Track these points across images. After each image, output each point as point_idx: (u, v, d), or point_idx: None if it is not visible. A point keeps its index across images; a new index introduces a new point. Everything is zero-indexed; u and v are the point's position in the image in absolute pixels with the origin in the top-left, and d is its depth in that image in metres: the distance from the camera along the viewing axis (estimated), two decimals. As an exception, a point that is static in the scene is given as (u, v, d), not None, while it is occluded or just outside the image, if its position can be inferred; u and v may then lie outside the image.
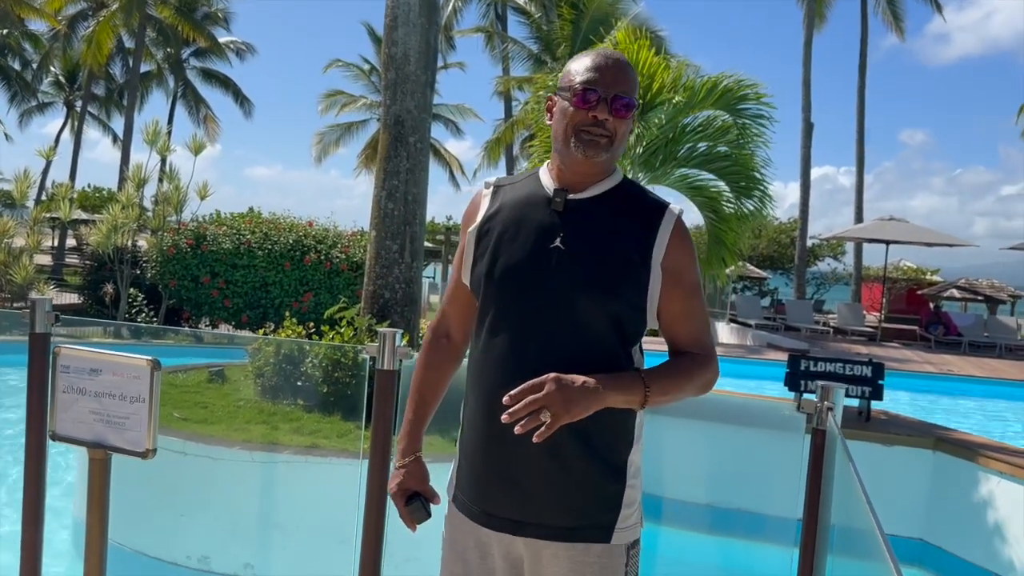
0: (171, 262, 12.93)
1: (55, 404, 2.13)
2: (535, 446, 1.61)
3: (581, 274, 1.66)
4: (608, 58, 1.72)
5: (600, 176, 1.74)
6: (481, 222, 1.80)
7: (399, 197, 6.78)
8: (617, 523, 1.70)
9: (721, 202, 7.08)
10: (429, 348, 1.96)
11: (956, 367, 14.80)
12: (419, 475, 1.88)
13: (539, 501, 1.68)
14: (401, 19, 6.87)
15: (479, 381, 1.75)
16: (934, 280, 28.57)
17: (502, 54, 22.59)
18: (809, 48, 24.51)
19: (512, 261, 1.71)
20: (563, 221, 1.70)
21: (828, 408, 2.05)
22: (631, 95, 1.69)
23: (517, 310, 1.70)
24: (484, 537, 1.77)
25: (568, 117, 1.69)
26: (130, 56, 28.80)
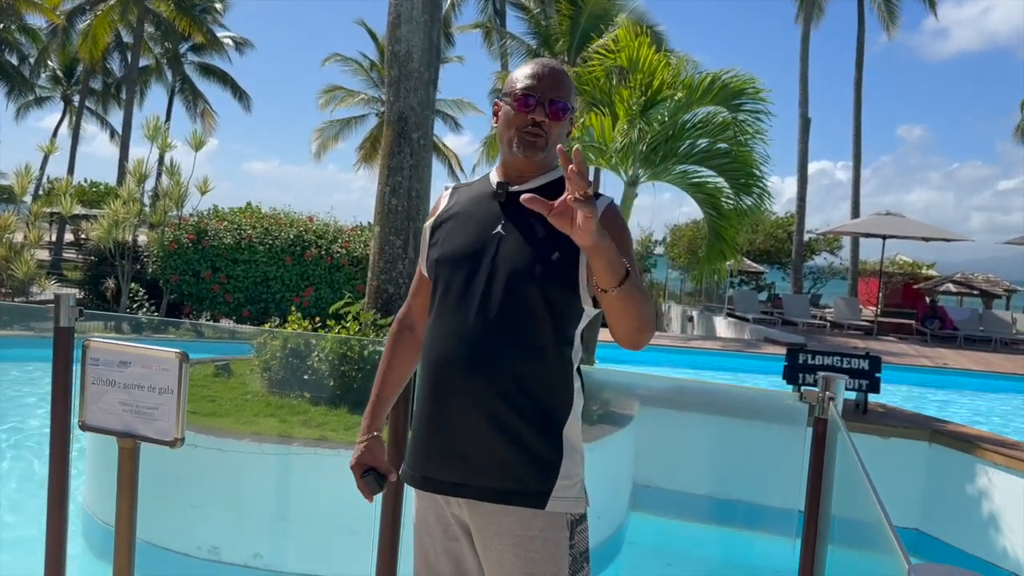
0: (172, 257, 12.99)
1: (85, 395, 2.20)
2: (476, 414, 1.80)
3: (518, 256, 1.83)
4: (545, 67, 1.92)
5: (540, 171, 1.93)
6: (437, 217, 2.02)
7: (403, 193, 6.85)
8: (553, 492, 1.80)
9: (720, 198, 7.16)
10: (394, 338, 2.15)
11: (952, 361, 14.92)
12: (376, 451, 2.05)
13: (477, 465, 1.81)
14: (404, 16, 6.93)
15: (426, 354, 1.92)
16: (930, 275, 28.69)
17: (501, 49, 22.62)
18: (806, 43, 24.58)
19: (459, 246, 1.91)
20: (505, 211, 1.90)
21: (830, 398, 2.13)
22: (566, 100, 1.89)
23: (463, 289, 1.86)
24: (440, 509, 1.92)
25: (510, 120, 1.89)
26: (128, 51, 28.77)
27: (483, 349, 1.81)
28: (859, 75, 26.36)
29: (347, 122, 28.85)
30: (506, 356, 1.80)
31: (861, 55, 26.50)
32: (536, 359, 1.82)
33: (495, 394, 1.80)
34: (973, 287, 23.50)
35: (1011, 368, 14.43)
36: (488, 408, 1.80)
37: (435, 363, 1.87)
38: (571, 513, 1.84)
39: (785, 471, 2.79)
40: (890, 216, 19.89)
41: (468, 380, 1.81)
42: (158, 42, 32.48)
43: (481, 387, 1.80)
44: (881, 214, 20.34)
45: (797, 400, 2.20)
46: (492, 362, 1.80)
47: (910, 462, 6.27)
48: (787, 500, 2.79)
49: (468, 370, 1.81)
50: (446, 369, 1.84)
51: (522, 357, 1.81)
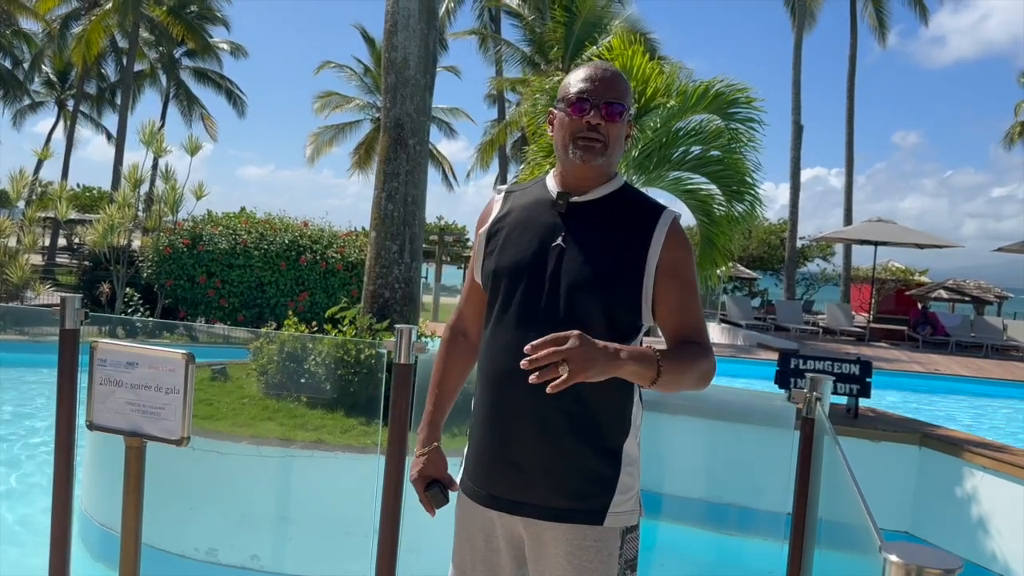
0: (167, 262, 13.01)
1: (92, 395, 2.25)
2: (535, 431, 1.78)
3: (580, 270, 1.78)
4: (599, 69, 1.87)
5: (600, 180, 1.88)
6: (492, 224, 1.95)
7: (399, 199, 6.91)
8: (611, 507, 1.80)
9: (713, 205, 7.24)
10: (447, 345, 2.11)
11: (943, 367, 15.02)
12: (438, 463, 2.01)
13: (537, 483, 1.80)
14: (401, 24, 7.00)
15: (485, 368, 1.89)
16: (922, 281, 28.85)
17: (495, 56, 22.72)
18: (799, 51, 24.75)
19: (518, 257, 1.86)
20: (565, 222, 1.85)
21: (817, 398, 2.19)
22: (622, 101, 1.83)
23: (521, 303, 1.83)
24: (488, 521, 1.90)
25: (566, 126, 1.84)
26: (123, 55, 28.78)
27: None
28: (851, 83, 26.55)
29: (341, 127, 28.90)
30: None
31: (854, 63, 26.68)
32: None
33: (555, 411, 1.77)
34: (965, 293, 23.66)
35: (1002, 374, 14.54)
36: (548, 425, 1.78)
37: (494, 378, 1.85)
38: (625, 525, 1.84)
39: (774, 474, 2.85)
40: (882, 223, 20.02)
41: (528, 396, 1.75)
42: (152, 47, 32.50)
43: (541, 405, 1.76)
44: (873, 221, 20.47)
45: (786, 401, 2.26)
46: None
47: (900, 466, 6.33)
48: (777, 503, 2.85)
49: (529, 387, 1.74)
50: (505, 384, 1.81)
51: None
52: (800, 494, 2.17)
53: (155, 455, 2.46)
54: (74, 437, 2.73)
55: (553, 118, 1.91)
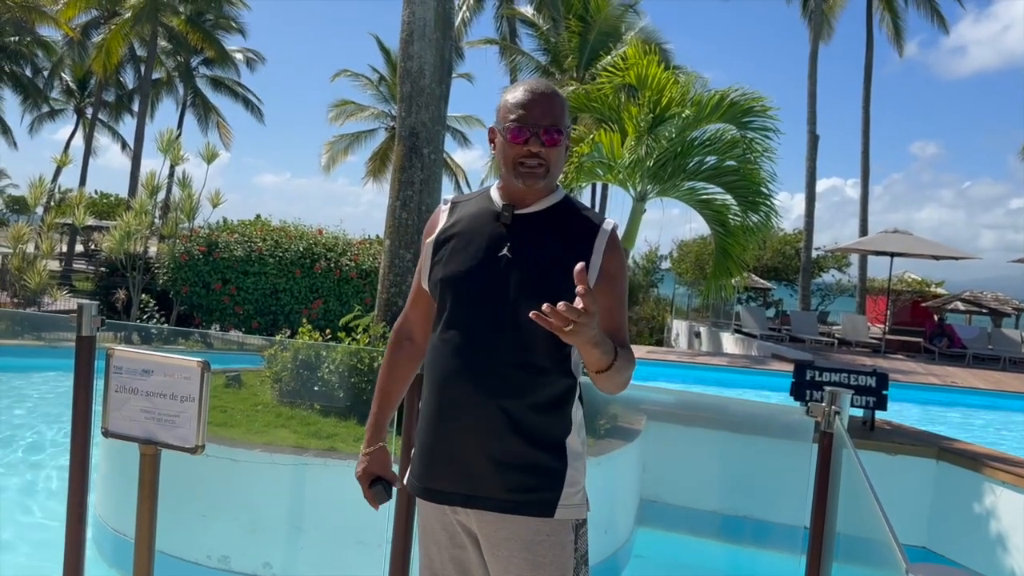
0: (183, 268, 13.08)
1: (108, 402, 2.26)
2: (481, 430, 1.86)
3: (525, 279, 1.87)
4: (535, 92, 1.91)
5: (544, 194, 1.96)
6: (439, 233, 2.03)
7: (413, 207, 6.93)
8: (561, 500, 1.87)
9: (728, 215, 7.21)
10: (392, 349, 2.20)
11: (960, 379, 14.88)
12: (382, 461, 2.12)
13: (486, 477, 1.87)
14: (417, 34, 7.02)
15: (432, 371, 1.96)
16: (939, 292, 28.65)
17: (510, 65, 22.77)
18: (815, 61, 24.66)
19: (466, 267, 1.93)
20: (510, 233, 1.93)
21: (835, 412, 2.17)
22: (559, 124, 1.88)
23: (469, 310, 1.91)
24: (447, 518, 1.97)
25: (506, 151, 1.91)
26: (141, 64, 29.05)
27: (489, 368, 1.86)
28: (867, 93, 26.44)
29: (357, 136, 29.05)
30: (511, 376, 1.86)
31: (869, 73, 26.58)
32: (541, 378, 1.88)
33: (500, 411, 1.85)
34: (982, 305, 23.46)
35: (1020, 387, 14.38)
36: (493, 425, 1.86)
37: (440, 381, 1.92)
38: (575, 518, 1.91)
39: (791, 487, 2.82)
40: (898, 234, 19.90)
41: (474, 398, 1.86)
42: (170, 55, 32.79)
43: (487, 404, 1.86)
44: (889, 232, 20.36)
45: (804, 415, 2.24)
46: (497, 381, 1.86)
47: (917, 480, 6.27)
48: (793, 516, 2.82)
49: (474, 388, 1.87)
50: (452, 387, 1.90)
51: (527, 377, 1.87)
52: (818, 509, 2.15)
53: (169, 462, 2.46)
54: (89, 443, 2.74)
55: (494, 136, 1.97)
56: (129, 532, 4.61)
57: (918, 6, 27.29)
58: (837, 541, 2.13)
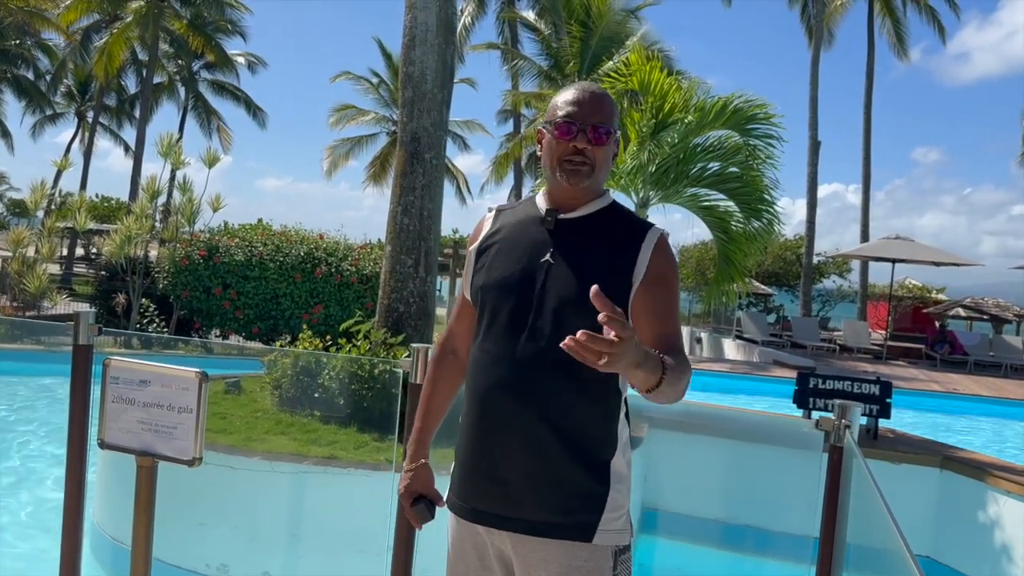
0: (183, 273, 13.05)
1: (104, 414, 2.22)
2: (521, 445, 1.78)
3: (567, 286, 1.79)
4: (586, 91, 1.87)
5: (589, 198, 1.89)
6: (481, 241, 1.98)
7: (414, 212, 6.89)
8: (600, 524, 1.78)
9: (731, 222, 7.18)
10: (436, 363, 2.12)
11: (962, 386, 14.83)
12: (425, 479, 2.01)
13: (523, 498, 1.79)
14: (419, 39, 7.00)
15: (473, 383, 1.89)
16: (939, 299, 28.62)
17: (511, 70, 22.76)
18: (816, 67, 24.65)
19: (507, 273, 1.87)
20: (554, 238, 1.86)
21: (845, 426, 2.13)
22: (608, 124, 1.84)
23: (509, 318, 1.83)
24: (479, 538, 1.89)
25: (553, 149, 1.85)
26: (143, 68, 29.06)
27: (530, 379, 1.78)
28: (869, 99, 26.44)
29: (358, 140, 29.05)
30: (553, 387, 1.77)
31: (871, 80, 26.59)
32: (583, 391, 1.78)
33: (542, 425, 1.77)
34: (983, 312, 23.44)
35: (1021, 394, 14.33)
36: (534, 440, 1.77)
37: (481, 393, 1.85)
38: (616, 544, 1.81)
39: (799, 497, 2.78)
40: (899, 240, 19.87)
41: (515, 411, 1.79)
42: (171, 59, 32.81)
43: (528, 418, 1.78)
44: (891, 238, 20.33)
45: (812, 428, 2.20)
46: (539, 393, 1.77)
47: (921, 489, 6.22)
48: (802, 526, 2.78)
49: (515, 401, 1.79)
50: (492, 399, 1.82)
51: (569, 389, 1.77)
52: (828, 520, 2.12)
53: (167, 469, 2.42)
54: (86, 452, 2.70)
55: (542, 137, 1.92)
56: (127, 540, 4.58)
57: (919, 13, 27.31)
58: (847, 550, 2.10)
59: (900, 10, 27.04)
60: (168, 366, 2.19)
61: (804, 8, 27.28)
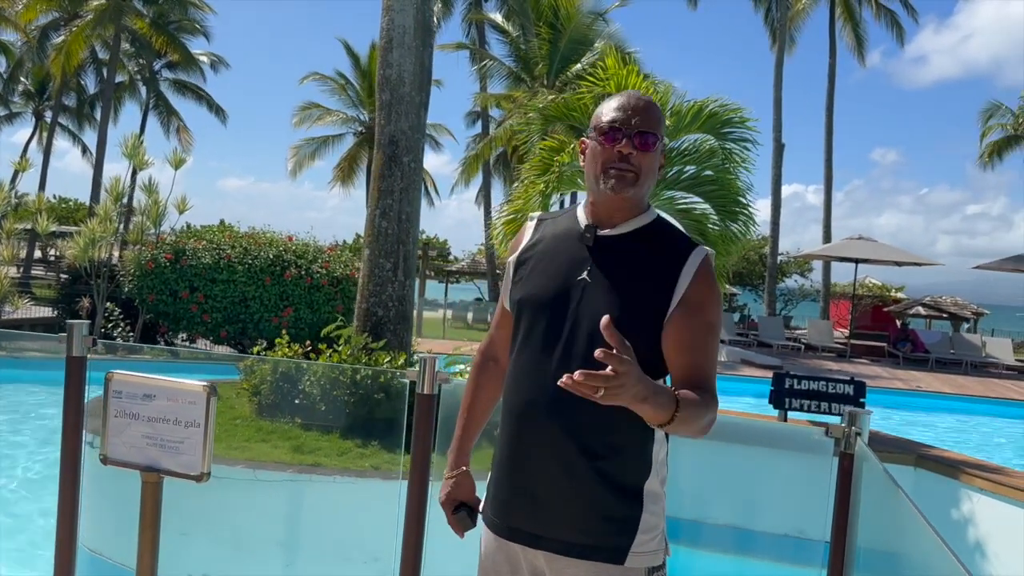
0: (149, 276, 12.82)
1: (107, 429, 2.18)
2: (555, 464, 1.75)
3: (603, 306, 1.72)
4: (632, 97, 1.83)
5: (632, 213, 1.83)
6: (521, 251, 1.94)
7: (393, 216, 6.85)
8: (632, 547, 1.75)
9: (707, 224, 7.24)
10: (478, 369, 2.09)
11: (924, 384, 15.13)
12: (467, 486, 2.00)
13: (556, 518, 1.77)
14: (396, 41, 6.96)
15: (508, 397, 1.87)
16: (899, 297, 29.16)
17: (480, 71, 22.73)
18: (780, 70, 24.98)
19: (543, 289, 1.84)
20: (592, 255, 1.82)
21: (856, 433, 2.16)
22: (655, 131, 1.79)
23: (543, 336, 1.81)
24: (514, 554, 1.86)
25: (597, 156, 1.81)
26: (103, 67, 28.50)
27: (563, 399, 1.67)
28: (831, 101, 26.84)
29: (324, 140, 28.79)
30: (585, 410, 1.66)
31: (832, 82, 26.99)
32: (617, 413, 1.67)
33: (575, 446, 1.74)
34: (942, 310, 23.92)
35: (983, 391, 14.66)
36: (567, 460, 1.75)
37: (516, 408, 1.83)
38: (650, 565, 1.79)
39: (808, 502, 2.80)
40: (862, 240, 20.19)
41: (548, 429, 1.76)
42: (132, 59, 32.24)
43: (560, 437, 1.75)
44: (854, 238, 20.65)
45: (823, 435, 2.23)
46: (572, 413, 1.73)
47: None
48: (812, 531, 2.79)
49: (548, 419, 1.76)
50: (526, 416, 1.80)
51: (602, 411, 1.66)
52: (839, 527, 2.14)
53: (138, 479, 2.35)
54: (79, 468, 2.64)
55: (585, 147, 1.88)
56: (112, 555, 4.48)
57: (878, 17, 27.78)
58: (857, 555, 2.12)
59: (859, 14, 27.49)
60: (174, 379, 2.15)
61: (768, 12, 27.63)
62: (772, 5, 27.24)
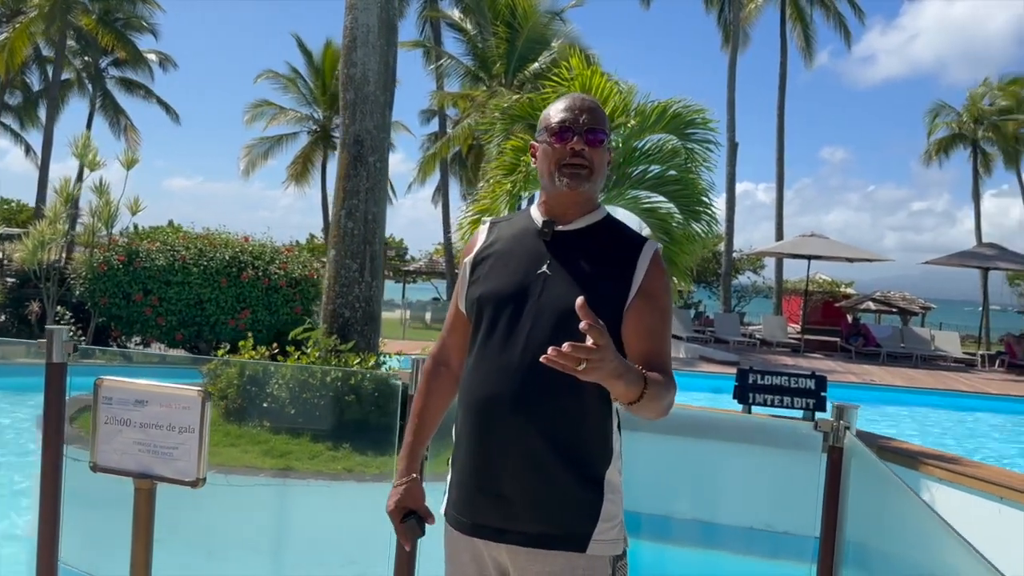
0: (102, 279, 12.54)
1: (96, 436, 2.13)
2: (519, 456, 1.79)
3: (565, 297, 1.78)
4: (577, 99, 1.92)
5: (585, 209, 1.91)
6: (477, 252, 1.98)
7: (359, 216, 6.81)
8: (594, 534, 1.80)
9: (672, 223, 7.32)
10: (429, 375, 2.10)
11: (877, 377, 15.49)
12: (416, 494, 1.99)
13: (520, 510, 1.81)
14: (360, 40, 6.91)
15: (469, 394, 1.89)
16: (848, 293, 29.79)
17: (437, 70, 22.65)
18: (733, 70, 25.33)
19: (504, 284, 1.88)
20: (551, 250, 1.88)
21: (845, 427, 2.21)
22: (603, 128, 1.89)
23: (507, 329, 1.85)
24: (477, 550, 1.89)
25: (549, 156, 1.88)
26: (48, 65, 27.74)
27: (529, 389, 1.78)
28: (782, 101, 27.33)
29: (278, 139, 28.44)
30: (552, 398, 1.77)
31: (784, 83, 27.47)
32: (581, 403, 1.79)
33: (539, 436, 1.78)
34: (892, 305, 24.51)
35: (933, 384, 15.06)
36: (531, 450, 1.78)
37: (479, 403, 1.85)
38: (612, 554, 1.84)
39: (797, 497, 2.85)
40: (815, 237, 20.61)
41: (513, 420, 1.79)
42: (78, 56, 31.44)
43: (526, 428, 1.78)
44: (806, 235, 21.07)
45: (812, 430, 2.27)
46: (538, 403, 1.78)
47: (858, 478, 6.44)
48: (801, 527, 2.84)
49: (513, 410, 1.79)
50: (491, 409, 1.82)
51: (568, 401, 1.78)
52: (828, 520, 2.19)
53: (111, 483, 2.29)
54: (60, 476, 2.58)
55: (535, 150, 1.96)
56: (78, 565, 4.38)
57: (827, 18, 28.35)
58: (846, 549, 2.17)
59: (809, 15, 28.02)
60: (167, 384, 2.12)
61: (721, 12, 28.01)
62: (725, 6, 27.63)
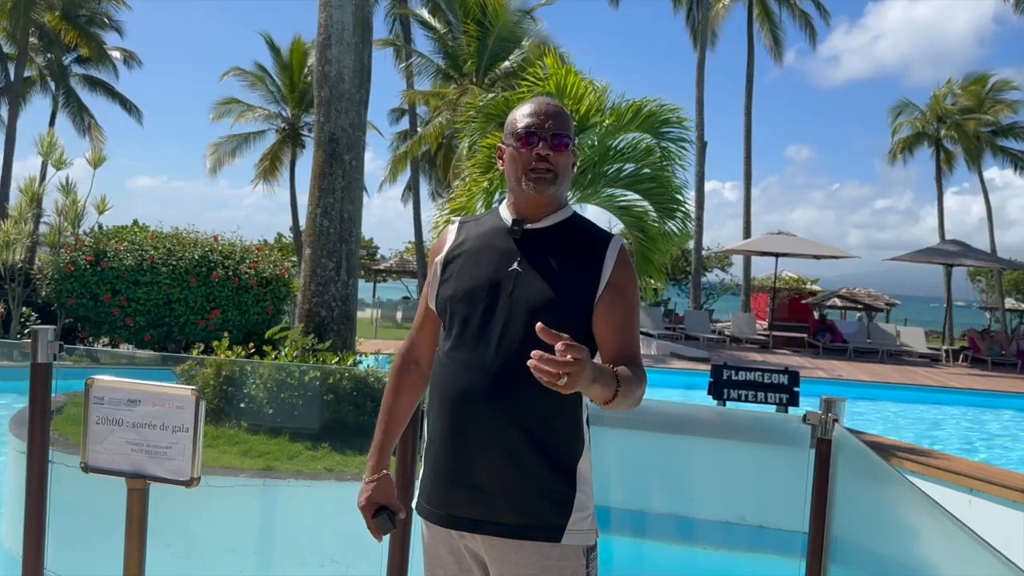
0: (69, 279, 12.34)
1: (87, 436, 2.12)
2: (494, 449, 1.83)
3: (536, 293, 1.86)
4: (542, 104, 1.97)
5: (553, 208, 1.96)
6: (447, 252, 2.02)
7: (335, 215, 6.78)
8: (568, 525, 1.85)
9: (647, 221, 7.38)
10: (398, 373, 2.12)
11: (846, 372, 15.73)
12: (387, 490, 2.02)
13: (496, 501, 1.84)
14: (335, 37, 6.88)
15: (442, 391, 1.92)
16: (814, 290, 30.21)
17: (407, 68, 22.56)
18: (702, 70, 25.53)
19: (476, 281, 1.92)
20: (521, 247, 1.93)
21: (833, 420, 2.25)
22: (567, 132, 1.93)
23: (480, 325, 1.88)
24: (454, 542, 1.93)
25: (516, 160, 1.93)
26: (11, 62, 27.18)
27: (503, 386, 1.82)
28: (749, 100, 27.60)
29: (245, 137, 28.14)
30: (526, 393, 1.80)
31: (751, 82, 27.74)
32: (554, 396, 1.76)
33: (514, 429, 1.82)
34: (857, 301, 24.88)
35: (899, 378, 15.33)
36: (507, 443, 1.82)
37: (452, 400, 1.88)
38: (585, 544, 1.88)
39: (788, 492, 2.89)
40: (782, 235, 20.87)
41: (488, 415, 1.83)
42: (40, 53, 30.86)
43: (501, 422, 1.82)
44: (774, 233, 21.33)
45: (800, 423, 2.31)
46: (512, 399, 1.82)
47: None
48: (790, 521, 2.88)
49: (488, 405, 1.83)
50: (465, 404, 1.86)
51: (541, 394, 1.75)
52: (817, 514, 2.23)
53: (91, 485, 2.27)
54: (46, 478, 2.55)
55: (502, 153, 2.00)
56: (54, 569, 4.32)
57: (793, 18, 28.69)
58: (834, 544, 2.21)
59: (778, 15, 28.34)
60: (160, 384, 2.11)
61: (689, 12, 28.21)
62: (693, 6, 27.84)
